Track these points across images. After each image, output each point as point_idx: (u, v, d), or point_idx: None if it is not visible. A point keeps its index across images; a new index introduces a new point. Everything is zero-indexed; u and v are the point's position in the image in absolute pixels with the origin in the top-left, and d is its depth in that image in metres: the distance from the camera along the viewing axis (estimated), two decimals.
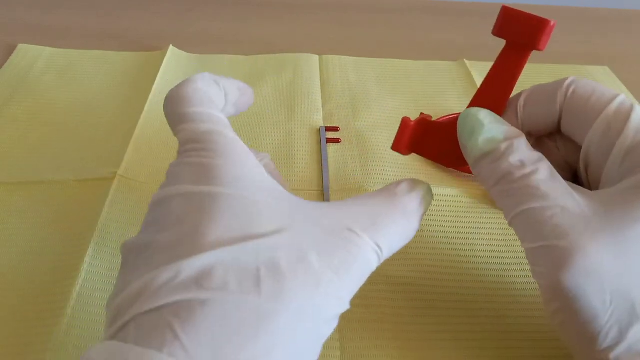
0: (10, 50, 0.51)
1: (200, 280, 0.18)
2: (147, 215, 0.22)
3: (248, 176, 0.21)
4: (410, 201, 0.23)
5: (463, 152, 0.24)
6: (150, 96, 0.45)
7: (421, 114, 0.26)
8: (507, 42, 0.23)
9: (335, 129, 0.43)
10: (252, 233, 0.19)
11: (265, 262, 0.19)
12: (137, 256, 0.20)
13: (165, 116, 0.24)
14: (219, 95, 0.25)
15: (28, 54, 0.51)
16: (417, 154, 0.26)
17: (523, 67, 0.23)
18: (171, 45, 0.52)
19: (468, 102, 0.25)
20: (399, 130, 0.26)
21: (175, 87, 0.24)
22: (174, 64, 0.50)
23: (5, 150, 0.40)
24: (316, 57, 0.52)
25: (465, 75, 0.50)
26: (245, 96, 0.27)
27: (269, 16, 0.61)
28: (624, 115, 0.22)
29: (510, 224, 0.22)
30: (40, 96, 0.46)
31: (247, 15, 0.61)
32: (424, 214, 0.24)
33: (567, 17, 0.64)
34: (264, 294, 0.18)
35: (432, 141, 0.26)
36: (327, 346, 0.28)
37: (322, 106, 0.46)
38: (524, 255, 0.33)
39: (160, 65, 0.49)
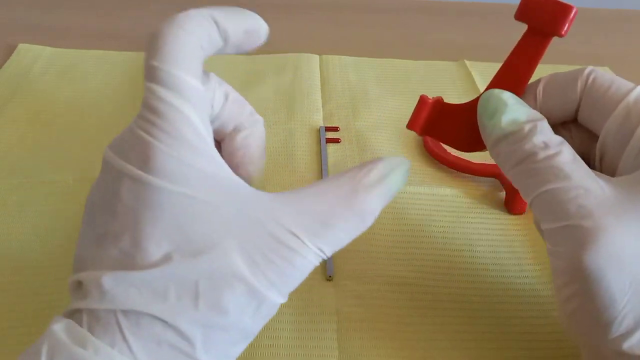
0: (11, 50, 0.51)
1: (143, 291, 0.19)
2: (101, 173, 0.21)
3: (195, 169, 0.20)
4: (373, 199, 0.21)
5: (482, 133, 0.23)
6: None
7: (434, 98, 0.26)
8: (528, 27, 0.23)
9: (335, 129, 0.43)
10: (192, 245, 0.19)
11: (204, 276, 0.19)
12: (92, 222, 0.21)
13: None
14: (212, 42, 0.22)
15: (28, 53, 0.51)
16: (430, 136, 0.26)
17: (543, 53, 0.23)
18: None
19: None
20: (416, 108, 0.25)
21: (161, 27, 0.21)
22: None
23: (6, 150, 0.40)
24: (316, 57, 0.52)
25: (465, 76, 0.50)
26: (252, 38, 0.23)
27: (269, 16, 0.60)
28: None
29: (530, 204, 0.22)
30: (41, 96, 0.46)
31: None
32: (390, 199, 0.22)
33: None
34: (201, 309, 0.19)
35: (446, 123, 0.25)
36: (325, 346, 0.28)
37: (322, 106, 0.46)
38: (522, 255, 0.33)
39: None
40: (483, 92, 0.24)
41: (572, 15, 0.22)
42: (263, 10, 0.70)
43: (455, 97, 0.47)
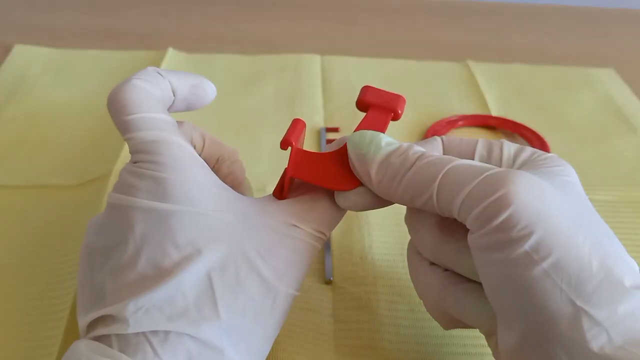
0: (7, 50, 0.50)
1: (165, 309, 0.20)
2: (106, 215, 0.22)
3: (196, 187, 0.22)
4: None
5: (360, 163, 0.23)
6: None
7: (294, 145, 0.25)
8: (371, 108, 0.25)
9: (336, 130, 0.42)
10: (202, 251, 0.20)
11: (219, 280, 0.20)
12: (104, 261, 0.21)
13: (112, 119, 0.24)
14: (164, 91, 0.24)
15: (24, 54, 0.50)
16: (302, 178, 0.25)
17: (386, 127, 0.25)
18: (170, 48, 0.51)
19: (470, 104, 0.25)
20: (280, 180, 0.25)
21: (114, 89, 0.23)
22: (174, 64, 0.49)
23: (5, 152, 0.39)
24: (318, 58, 0.51)
25: (468, 77, 0.50)
26: (198, 93, 0.26)
27: (269, 16, 0.60)
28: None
29: (437, 189, 0.20)
30: (39, 97, 0.45)
31: (247, 15, 0.60)
32: None
33: (571, 18, 0.63)
34: (222, 315, 0.20)
35: (315, 168, 0.25)
36: (321, 345, 0.28)
37: (323, 107, 0.45)
38: None
39: (160, 64, 0.48)
40: (353, 133, 0.24)
41: (404, 102, 0.25)
42: (264, 10, 0.70)
43: (457, 98, 0.47)
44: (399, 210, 0.38)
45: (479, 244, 0.19)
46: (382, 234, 0.34)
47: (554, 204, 0.19)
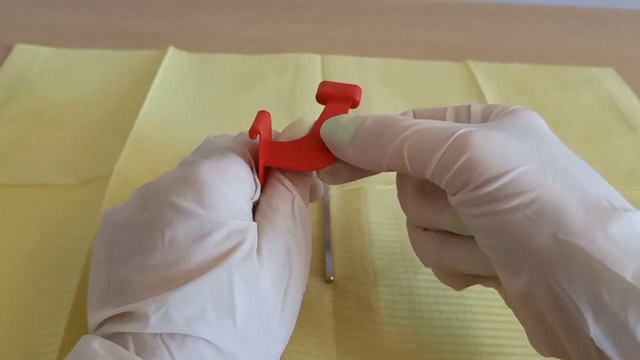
0: (8, 50, 0.50)
1: (184, 311, 0.19)
2: (137, 212, 0.22)
3: (230, 201, 0.22)
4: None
5: (332, 143, 0.24)
6: (150, 94, 0.45)
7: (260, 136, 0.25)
8: (331, 100, 0.27)
9: None
10: (227, 256, 0.21)
11: (239, 286, 0.20)
12: (129, 257, 0.21)
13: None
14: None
15: (25, 54, 0.50)
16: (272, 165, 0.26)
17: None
18: (171, 47, 0.51)
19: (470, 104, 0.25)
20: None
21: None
22: (174, 63, 0.50)
23: (5, 152, 0.39)
24: (318, 57, 0.51)
25: (468, 77, 0.50)
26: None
27: (269, 16, 0.60)
28: None
29: (402, 144, 0.22)
30: (39, 96, 0.45)
31: (247, 15, 0.60)
32: None
33: (571, 17, 0.63)
34: (238, 321, 0.20)
35: (287, 155, 0.26)
36: (322, 344, 0.28)
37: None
38: None
39: (160, 63, 0.48)
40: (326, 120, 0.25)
41: (360, 90, 0.27)
42: (264, 10, 0.70)
43: (457, 98, 0.47)
44: (399, 210, 0.38)
45: (458, 203, 0.21)
46: (382, 233, 0.34)
47: (516, 152, 0.20)
